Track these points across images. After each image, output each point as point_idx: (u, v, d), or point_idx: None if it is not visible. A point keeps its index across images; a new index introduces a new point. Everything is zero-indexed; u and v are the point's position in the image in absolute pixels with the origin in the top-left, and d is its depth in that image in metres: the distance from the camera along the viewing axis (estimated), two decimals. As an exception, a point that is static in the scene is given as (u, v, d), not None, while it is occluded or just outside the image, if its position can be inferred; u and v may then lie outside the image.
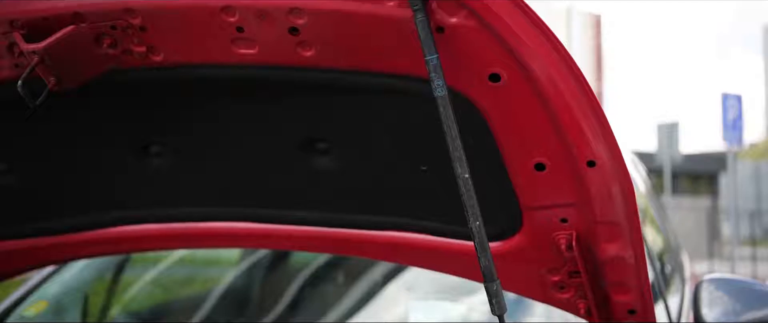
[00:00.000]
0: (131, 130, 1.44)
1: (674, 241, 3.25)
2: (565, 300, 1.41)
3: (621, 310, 1.35)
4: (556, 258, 1.34)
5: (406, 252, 1.51)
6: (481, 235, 1.10)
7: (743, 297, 1.91)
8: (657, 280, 2.13)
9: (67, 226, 1.64)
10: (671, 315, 2.18)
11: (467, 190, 1.09)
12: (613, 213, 1.20)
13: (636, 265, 1.27)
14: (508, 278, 1.35)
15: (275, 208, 1.55)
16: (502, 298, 1.14)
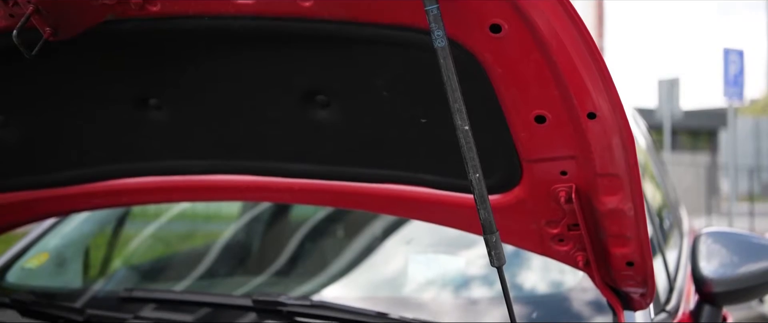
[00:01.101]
0: (129, 82, 1.43)
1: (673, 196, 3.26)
2: (563, 252, 1.42)
3: (619, 262, 1.36)
4: (555, 210, 1.34)
5: (405, 205, 1.51)
6: (481, 187, 1.10)
7: (740, 250, 1.92)
8: (655, 234, 2.14)
9: (66, 179, 1.64)
10: (669, 269, 2.19)
11: (467, 142, 1.09)
12: (613, 166, 1.19)
13: (635, 218, 1.27)
14: (507, 231, 1.36)
15: (275, 161, 1.55)
16: (501, 250, 1.14)
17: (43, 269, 2.39)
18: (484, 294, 1.95)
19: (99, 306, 2.08)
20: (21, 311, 1.92)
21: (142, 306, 1.96)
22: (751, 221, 14.93)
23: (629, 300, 1.51)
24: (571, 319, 1.77)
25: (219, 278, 2.55)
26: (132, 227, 2.82)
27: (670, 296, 1.99)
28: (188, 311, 1.97)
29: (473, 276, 2.06)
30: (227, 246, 2.82)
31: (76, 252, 2.51)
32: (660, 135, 15.46)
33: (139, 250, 2.87)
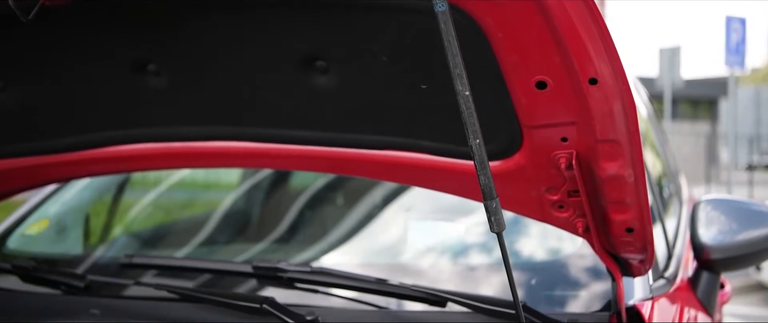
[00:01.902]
0: (127, 47, 1.42)
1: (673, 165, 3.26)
2: (563, 219, 1.42)
3: (619, 229, 1.36)
4: (555, 177, 1.34)
5: (405, 172, 1.51)
6: (481, 153, 1.09)
7: (739, 217, 1.92)
8: (655, 202, 2.14)
9: (66, 145, 1.64)
10: (668, 236, 2.20)
11: (467, 108, 1.08)
12: (614, 131, 1.19)
13: (635, 184, 1.27)
14: (506, 197, 1.35)
15: (274, 127, 1.54)
16: (501, 216, 1.14)
17: (43, 236, 2.40)
18: (484, 260, 1.95)
19: (100, 272, 2.09)
20: (22, 277, 1.93)
21: (142, 272, 1.97)
22: (750, 190, 14.96)
23: (628, 267, 1.51)
24: (569, 286, 1.78)
25: (219, 245, 2.56)
26: (132, 196, 2.83)
27: (668, 263, 2.00)
28: (189, 277, 1.98)
29: (472, 243, 2.07)
30: (227, 213, 2.82)
31: (76, 219, 2.52)
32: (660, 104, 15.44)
33: (139, 218, 2.88)
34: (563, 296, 1.74)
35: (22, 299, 1.90)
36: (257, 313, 1.63)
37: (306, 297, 1.77)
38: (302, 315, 1.59)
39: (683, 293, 1.93)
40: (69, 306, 1.80)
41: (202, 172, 3.34)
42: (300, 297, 1.76)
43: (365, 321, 1.67)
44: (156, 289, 1.80)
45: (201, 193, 3.39)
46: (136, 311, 1.76)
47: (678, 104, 27.00)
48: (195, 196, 3.34)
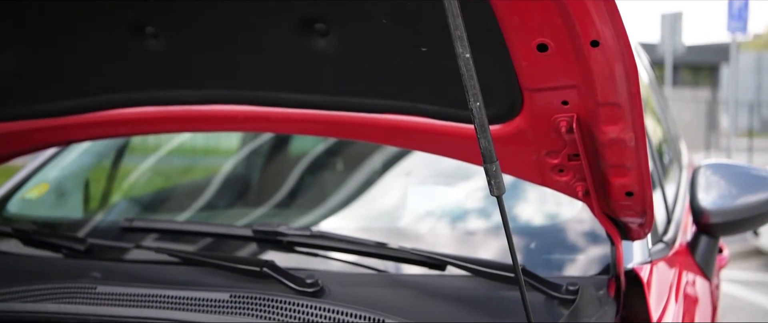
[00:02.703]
0: (124, 9, 1.40)
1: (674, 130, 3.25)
2: (563, 182, 1.41)
3: (619, 192, 1.35)
4: (555, 140, 1.33)
5: (405, 135, 1.51)
6: (481, 116, 1.09)
7: (739, 182, 1.92)
8: (655, 167, 2.14)
9: (64, 108, 1.63)
10: (667, 201, 2.20)
11: (468, 70, 1.07)
12: (615, 94, 1.18)
13: (636, 147, 1.26)
14: (506, 161, 1.35)
15: (273, 91, 1.54)
16: (501, 179, 1.14)
17: (43, 200, 2.40)
18: (483, 225, 1.96)
19: (100, 236, 2.09)
20: (23, 240, 1.94)
21: (143, 236, 1.98)
22: (749, 156, 14.98)
23: (627, 230, 1.52)
24: (568, 250, 1.78)
25: (219, 210, 2.56)
26: (131, 161, 2.83)
27: (667, 227, 2.00)
28: (189, 241, 1.99)
29: (472, 208, 2.07)
30: (227, 179, 2.82)
31: (75, 184, 2.52)
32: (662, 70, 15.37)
33: (139, 183, 2.88)
34: (562, 260, 1.74)
35: (23, 262, 1.91)
36: (257, 276, 1.64)
37: (306, 260, 1.78)
38: (302, 278, 1.60)
39: (682, 257, 1.94)
40: (70, 269, 1.81)
41: (201, 137, 3.33)
42: (300, 260, 1.77)
43: (365, 284, 1.68)
44: (156, 253, 1.81)
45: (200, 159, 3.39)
46: (136, 274, 1.77)
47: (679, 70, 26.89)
48: (195, 162, 3.34)
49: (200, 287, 1.61)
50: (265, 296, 1.53)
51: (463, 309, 1.54)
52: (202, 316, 1.50)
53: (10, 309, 1.61)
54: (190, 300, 1.55)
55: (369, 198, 2.34)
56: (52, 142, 1.89)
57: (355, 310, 1.48)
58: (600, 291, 1.54)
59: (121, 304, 1.57)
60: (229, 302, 1.54)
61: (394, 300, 1.57)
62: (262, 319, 1.49)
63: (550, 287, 1.53)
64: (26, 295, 1.65)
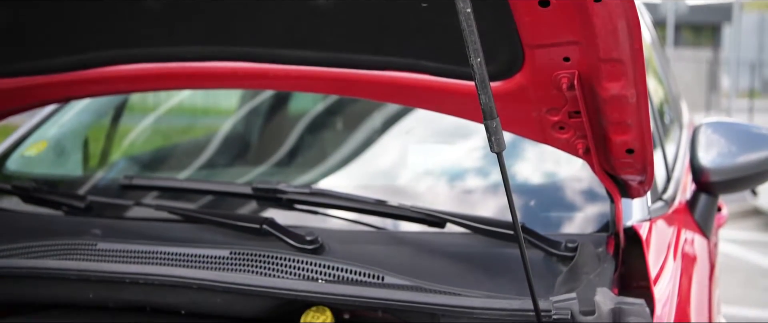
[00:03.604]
0: None
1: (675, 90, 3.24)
2: (563, 140, 1.41)
3: (619, 149, 1.35)
4: (556, 97, 1.32)
5: (405, 93, 1.50)
6: (482, 72, 1.08)
7: (739, 140, 1.92)
8: (656, 126, 2.14)
9: (61, 65, 1.62)
10: (668, 160, 2.20)
11: (469, 26, 1.06)
12: (617, 50, 1.17)
13: (637, 104, 1.26)
14: (507, 118, 1.34)
15: (272, 47, 1.52)
16: (501, 136, 1.13)
17: (42, 157, 2.40)
18: (482, 183, 1.96)
19: (100, 193, 2.10)
20: (22, 198, 1.94)
21: (143, 194, 1.98)
22: (750, 117, 14.96)
23: (627, 188, 1.52)
24: (568, 208, 1.79)
25: (218, 168, 2.56)
26: (129, 121, 2.82)
27: (667, 186, 2.00)
28: (188, 199, 1.99)
29: (471, 166, 2.07)
30: (226, 137, 2.82)
31: (74, 142, 2.51)
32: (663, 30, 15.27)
33: (138, 143, 2.88)
34: (561, 217, 1.75)
35: (23, 219, 1.91)
36: (257, 234, 1.64)
37: (305, 218, 1.78)
38: (302, 236, 1.60)
39: (681, 215, 1.95)
40: (70, 226, 1.81)
41: (200, 97, 3.32)
42: (299, 218, 1.78)
43: (364, 241, 1.68)
44: (156, 210, 1.81)
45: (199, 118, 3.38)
46: (136, 231, 1.77)
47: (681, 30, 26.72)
48: (194, 121, 3.33)
49: (200, 244, 1.61)
50: (265, 253, 1.54)
51: (462, 266, 1.55)
52: (203, 273, 1.51)
53: (11, 265, 1.62)
54: (191, 256, 1.56)
55: (369, 157, 2.34)
56: (50, 99, 1.88)
57: (354, 267, 1.49)
58: (599, 248, 1.54)
59: (122, 261, 1.58)
60: (229, 259, 1.55)
61: (393, 257, 1.58)
62: (262, 276, 1.50)
63: (549, 244, 1.53)
64: (27, 252, 1.65)
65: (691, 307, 1.59)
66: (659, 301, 1.40)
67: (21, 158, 2.33)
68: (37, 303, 1.68)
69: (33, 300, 1.68)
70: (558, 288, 1.40)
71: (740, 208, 7.78)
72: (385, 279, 1.46)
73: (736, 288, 5.46)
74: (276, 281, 1.48)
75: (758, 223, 7.67)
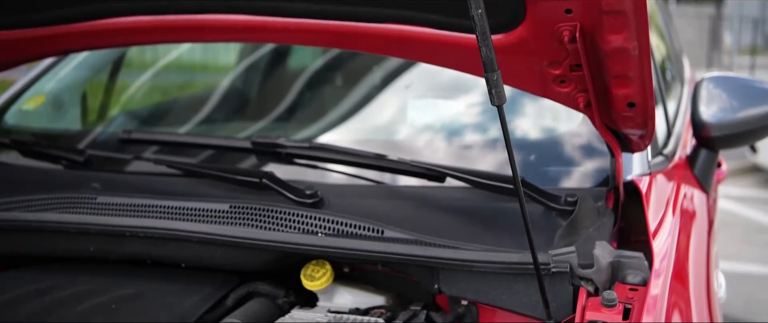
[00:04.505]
0: None
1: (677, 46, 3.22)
2: (564, 94, 1.40)
3: (621, 103, 1.34)
4: (558, 50, 1.31)
5: (405, 46, 1.48)
6: (483, 24, 1.06)
7: (741, 95, 1.91)
8: (657, 82, 2.12)
9: (57, 17, 1.60)
10: (669, 115, 2.19)
11: (470, -24, 1.04)
12: (620, 2, 1.15)
13: (639, 57, 1.24)
14: (508, 71, 1.33)
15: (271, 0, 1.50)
16: (502, 89, 1.12)
17: (40, 111, 2.39)
18: (482, 138, 1.95)
19: (99, 148, 2.09)
20: (22, 151, 1.94)
21: (142, 148, 1.98)
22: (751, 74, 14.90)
23: (628, 142, 1.51)
24: (568, 162, 1.78)
25: (217, 124, 2.55)
26: (128, 77, 2.80)
27: (668, 141, 2.00)
28: (188, 153, 1.98)
29: (471, 121, 2.06)
30: (225, 93, 2.80)
31: (72, 97, 2.50)
32: (666, -15, 15.09)
33: (136, 98, 2.86)
34: (561, 172, 1.75)
35: (23, 173, 1.91)
36: (257, 188, 1.64)
37: (305, 172, 1.78)
38: (301, 190, 1.60)
39: (681, 170, 1.95)
40: (69, 180, 1.81)
41: (199, 53, 3.30)
42: (299, 172, 1.78)
43: (364, 195, 1.68)
44: (155, 164, 1.81)
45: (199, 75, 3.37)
46: (136, 185, 1.77)
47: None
48: (192, 77, 3.32)
49: (200, 197, 1.61)
50: (265, 207, 1.54)
51: (461, 221, 1.55)
52: (203, 226, 1.52)
53: (12, 218, 1.62)
54: (190, 210, 1.56)
55: (368, 112, 2.33)
56: (48, 51, 1.87)
57: (354, 220, 1.49)
58: (598, 202, 1.54)
59: (122, 214, 1.58)
60: (228, 212, 1.55)
61: (393, 211, 1.58)
62: (262, 229, 1.50)
63: (548, 198, 1.53)
64: (27, 205, 1.65)
65: (690, 261, 1.59)
66: (658, 255, 1.40)
67: (19, 112, 2.32)
68: (37, 256, 1.69)
69: (33, 253, 1.68)
70: (557, 242, 1.41)
71: (739, 165, 7.79)
72: (384, 233, 1.46)
73: (734, 244, 5.50)
74: (276, 234, 1.48)
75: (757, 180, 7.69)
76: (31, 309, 1.47)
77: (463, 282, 1.42)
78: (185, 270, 1.63)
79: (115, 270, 1.64)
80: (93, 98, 2.53)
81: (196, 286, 1.56)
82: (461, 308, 1.53)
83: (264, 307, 1.53)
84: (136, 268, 1.64)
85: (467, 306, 1.52)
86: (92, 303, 1.49)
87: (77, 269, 1.65)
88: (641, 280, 1.33)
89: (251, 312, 1.49)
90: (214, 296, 1.53)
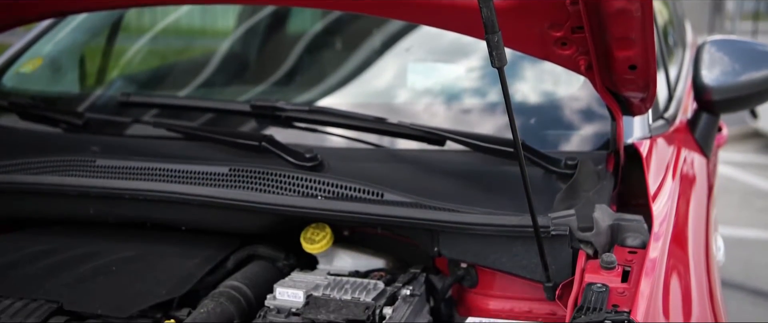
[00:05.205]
0: None
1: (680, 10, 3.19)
2: (566, 56, 1.39)
3: (622, 66, 1.33)
4: (559, 12, 1.29)
5: (406, 8, 1.47)
6: (484, -17, 1.05)
7: (743, 58, 1.89)
8: (660, 46, 2.11)
9: None
10: (670, 79, 2.18)
11: (471, -65, 1.03)
12: None
13: (642, 19, 1.23)
14: (509, 34, 1.32)
15: None
16: (503, 51, 1.11)
17: (38, 74, 2.37)
18: (482, 102, 1.94)
19: (98, 111, 2.08)
20: (20, 114, 1.93)
21: (141, 111, 1.97)
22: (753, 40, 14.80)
23: (629, 105, 1.50)
24: (568, 126, 1.78)
25: (216, 87, 2.54)
26: (126, 42, 2.78)
27: (669, 104, 1.99)
28: (187, 117, 1.98)
29: (471, 85, 2.05)
30: (224, 57, 2.79)
31: (70, 60, 2.48)
32: (668, -50, 14.91)
33: (134, 62, 2.84)
34: (562, 135, 1.74)
35: (21, 136, 1.90)
36: (256, 151, 1.64)
37: (304, 136, 1.78)
38: (301, 153, 1.60)
39: (681, 134, 1.94)
40: (68, 143, 1.81)
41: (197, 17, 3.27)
42: (298, 136, 1.77)
43: (364, 159, 1.68)
44: (154, 127, 1.80)
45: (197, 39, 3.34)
46: (135, 148, 1.77)
47: (686, -50, 26.14)
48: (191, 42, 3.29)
49: (199, 160, 1.61)
50: (265, 170, 1.54)
51: (461, 184, 1.55)
52: (202, 189, 1.51)
53: (11, 180, 1.62)
54: (189, 173, 1.56)
55: (368, 76, 2.31)
56: (45, 13, 1.85)
57: (354, 184, 1.49)
58: (598, 165, 1.54)
59: (121, 177, 1.58)
60: (228, 175, 1.54)
61: (392, 174, 1.58)
62: (261, 192, 1.50)
63: (548, 161, 1.53)
64: (26, 168, 1.65)
65: (689, 225, 1.59)
66: (657, 218, 1.40)
67: (16, 74, 2.30)
68: (37, 218, 1.69)
69: (33, 216, 1.69)
70: (557, 205, 1.41)
71: (740, 130, 7.78)
72: (384, 196, 1.46)
73: (732, 209, 5.52)
74: (275, 197, 1.48)
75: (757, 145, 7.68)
76: (31, 271, 1.48)
77: (462, 244, 1.43)
78: (185, 232, 1.63)
79: (115, 232, 1.64)
80: (91, 61, 2.51)
81: (197, 249, 1.56)
82: (460, 271, 1.54)
83: (264, 270, 1.53)
84: (136, 231, 1.65)
85: (466, 269, 1.53)
86: (92, 265, 1.50)
87: (77, 231, 1.65)
88: (640, 243, 1.34)
89: (251, 274, 1.50)
90: (214, 258, 1.54)
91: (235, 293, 1.42)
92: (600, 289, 1.21)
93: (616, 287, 1.22)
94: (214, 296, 1.41)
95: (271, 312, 1.38)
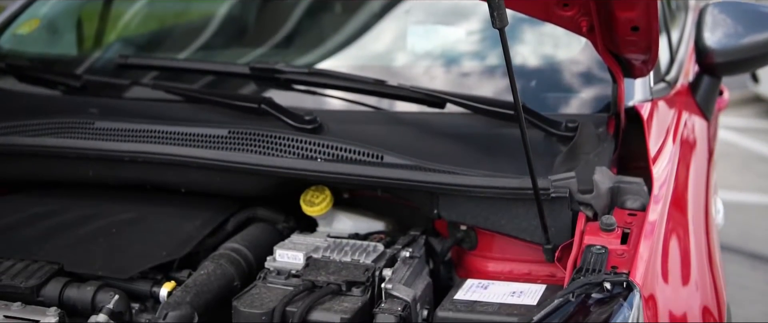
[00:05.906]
0: None
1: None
2: (567, 17, 1.37)
3: (624, 27, 1.32)
4: None
5: None
6: (486, -58, 1.04)
7: (746, 20, 1.88)
8: (662, 8, 2.09)
9: None
10: (672, 43, 2.17)
11: None
12: None
13: (644, -21, 1.22)
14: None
15: None
16: (504, 11, 1.10)
17: (35, 36, 2.35)
18: (483, 64, 1.93)
19: (96, 73, 2.07)
20: (18, 77, 1.92)
21: (140, 74, 1.95)
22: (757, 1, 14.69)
23: (630, 67, 1.49)
24: (569, 89, 1.77)
25: (215, 50, 2.52)
26: (123, 6, 2.75)
27: (670, 67, 1.98)
28: (185, 79, 1.97)
29: (471, 48, 2.03)
30: (223, 20, 2.76)
31: (67, 22, 2.46)
32: None
33: (132, 25, 2.82)
34: (562, 98, 1.73)
35: (19, 98, 1.90)
36: (255, 113, 1.63)
37: (304, 99, 1.77)
38: (300, 115, 1.59)
39: (682, 97, 1.93)
40: (67, 105, 1.80)
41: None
42: (298, 98, 1.76)
43: (363, 121, 1.67)
44: (153, 89, 1.79)
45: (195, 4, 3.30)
46: (133, 110, 1.76)
47: None
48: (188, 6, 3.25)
49: (198, 123, 1.60)
50: (264, 132, 1.53)
51: (461, 146, 1.55)
52: (201, 151, 1.51)
53: (9, 142, 1.61)
54: (188, 135, 1.55)
55: (368, 39, 2.30)
56: None
57: (353, 146, 1.48)
58: (599, 128, 1.53)
59: (120, 139, 1.57)
60: (227, 138, 1.54)
61: (392, 137, 1.58)
62: (261, 155, 1.49)
63: (549, 124, 1.52)
64: (25, 130, 1.65)
65: (689, 188, 1.59)
66: (657, 181, 1.40)
67: (13, 36, 2.28)
68: (36, 180, 1.69)
69: (32, 178, 1.68)
70: (557, 168, 1.40)
71: (741, 95, 7.74)
72: (384, 158, 1.46)
73: (732, 174, 5.52)
74: (275, 160, 1.48)
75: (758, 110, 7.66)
76: (31, 233, 1.48)
77: (462, 207, 1.43)
78: (185, 195, 1.63)
79: (115, 194, 1.64)
80: (88, 23, 2.49)
81: (196, 211, 1.56)
82: (460, 233, 1.54)
83: (264, 232, 1.54)
84: (136, 193, 1.65)
85: (466, 231, 1.53)
86: (92, 227, 1.50)
87: (77, 193, 1.65)
88: (640, 205, 1.34)
89: (251, 236, 1.50)
90: (214, 221, 1.54)
91: (236, 255, 1.43)
92: (599, 251, 1.21)
93: (615, 249, 1.22)
94: (215, 258, 1.41)
95: (271, 273, 1.38)
